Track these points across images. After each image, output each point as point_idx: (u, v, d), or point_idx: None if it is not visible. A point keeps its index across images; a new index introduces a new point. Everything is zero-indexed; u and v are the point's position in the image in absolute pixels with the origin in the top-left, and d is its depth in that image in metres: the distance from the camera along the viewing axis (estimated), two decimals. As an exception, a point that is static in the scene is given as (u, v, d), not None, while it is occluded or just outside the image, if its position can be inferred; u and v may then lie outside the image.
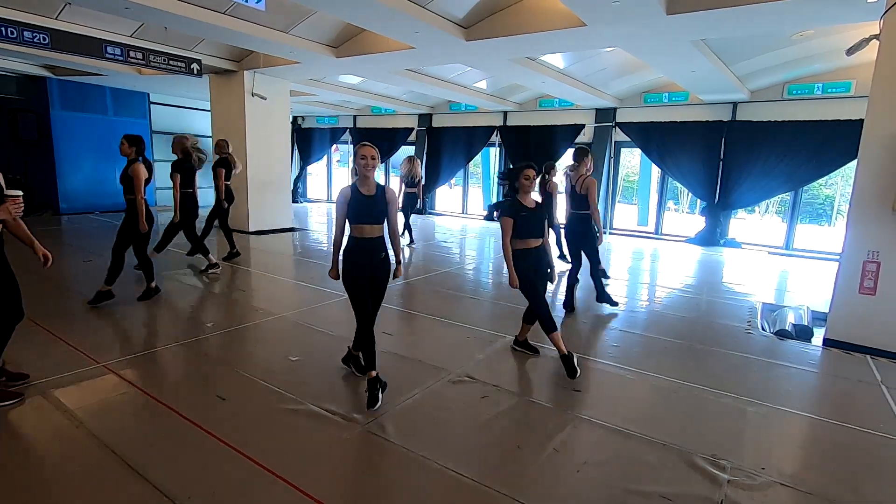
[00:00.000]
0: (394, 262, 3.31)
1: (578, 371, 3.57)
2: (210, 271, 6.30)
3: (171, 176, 5.83)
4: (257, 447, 2.58)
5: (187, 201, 5.96)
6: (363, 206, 3.06)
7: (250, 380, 3.37)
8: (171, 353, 3.84)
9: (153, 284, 5.20)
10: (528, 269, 3.67)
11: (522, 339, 4.14)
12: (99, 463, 2.42)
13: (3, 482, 2.26)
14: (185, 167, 5.89)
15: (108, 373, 3.40)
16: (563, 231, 5.85)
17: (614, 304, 5.47)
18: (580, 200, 5.19)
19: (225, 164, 6.75)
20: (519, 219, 3.61)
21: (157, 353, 3.82)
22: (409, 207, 9.10)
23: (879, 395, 3.58)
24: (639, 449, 2.74)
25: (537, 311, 3.72)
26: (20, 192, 3.02)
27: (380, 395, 3.06)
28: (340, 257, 3.15)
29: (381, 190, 3.16)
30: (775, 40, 7.11)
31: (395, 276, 3.30)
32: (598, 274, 5.44)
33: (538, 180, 5.94)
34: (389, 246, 3.27)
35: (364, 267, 3.13)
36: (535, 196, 3.81)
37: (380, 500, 2.26)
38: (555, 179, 6.92)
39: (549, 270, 3.91)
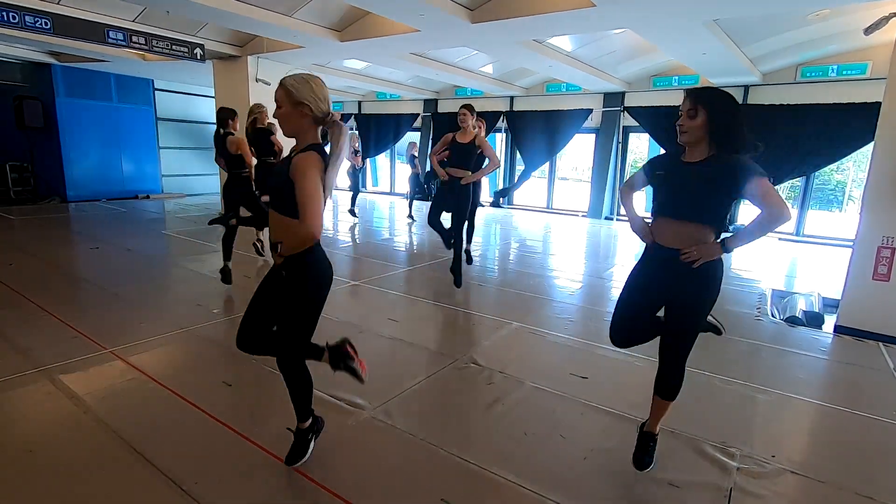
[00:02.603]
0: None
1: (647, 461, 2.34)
2: None
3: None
4: (263, 433, 2.58)
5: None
6: None
7: (256, 366, 3.37)
8: (177, 339, 3.85)
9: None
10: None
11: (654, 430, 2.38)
12: (106, 448, 2.43)
13: (10, 467, 2.28)
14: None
15: (116, 359, 3.41)
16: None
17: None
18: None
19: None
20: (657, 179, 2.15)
21: (164, 340, 3.83)
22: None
23: (892, 382, 3.53)
24: (647, 436, 2.71)
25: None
26: None
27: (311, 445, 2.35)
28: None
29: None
30: (790, 20, 6.92)
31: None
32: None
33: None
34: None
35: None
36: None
37: (385, 487, 2.26)
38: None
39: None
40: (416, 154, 11.47)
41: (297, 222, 1.91)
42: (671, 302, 2.20)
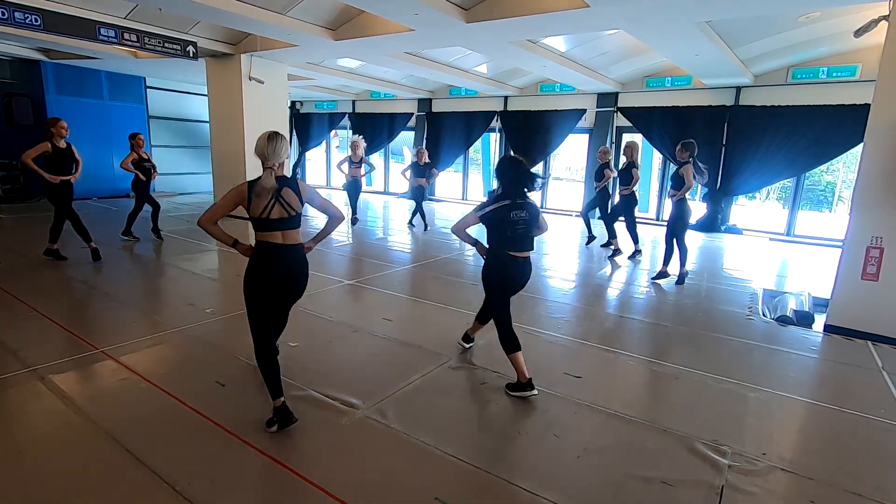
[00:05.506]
0: None
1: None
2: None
3: None
4: (257, 433, 2.57)
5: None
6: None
7: (249, 366, 3.35)
8: (170, 339, 3.82)
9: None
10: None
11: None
12: (98, 449, 2.41)
13: (0, 468, 2.25)
14: None
15: (107, 359, 3.39)
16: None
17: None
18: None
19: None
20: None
21: (156, 339, 3.80)
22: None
23: (880, 380, 3.58)
24: (639, 435, 2.73)
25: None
26: None
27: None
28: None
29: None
30: (781, 22, 6.99)
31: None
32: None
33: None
34: None
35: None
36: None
37: (380, 486, 2.26)
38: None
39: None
40: (429, 160, 9.67)
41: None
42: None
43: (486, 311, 3.56)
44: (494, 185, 3.33)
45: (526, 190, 3.14)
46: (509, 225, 3.07)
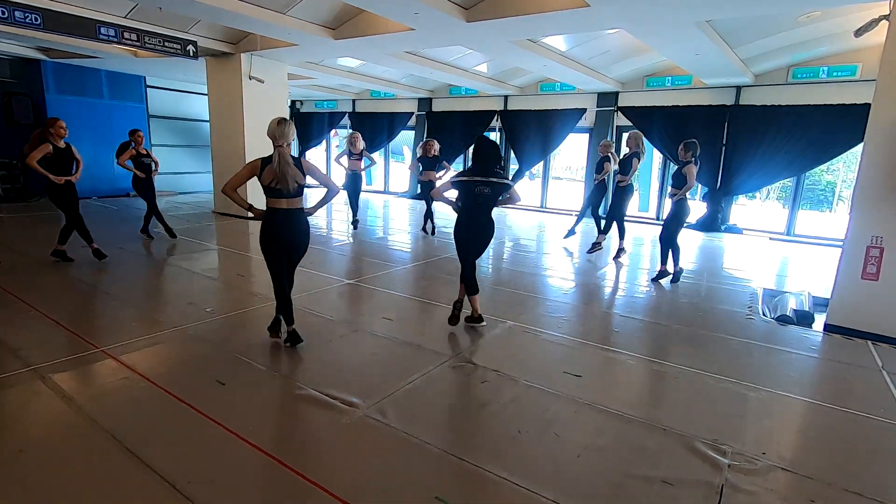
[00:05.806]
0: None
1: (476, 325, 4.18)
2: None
3: None
4: (257, 432, 2.57)
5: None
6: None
7: (250, 365, 3.36)
8: (170, 338, 3.82)
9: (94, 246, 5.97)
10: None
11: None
12: (98, 448, 2.41)
13: (1, 467, 2.26)
14: None
15: (108, 358, 3.39)
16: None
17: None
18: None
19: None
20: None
21: (157, 339, 3.80)
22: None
23: (880, 380, 3.58)
24: (639, 434, 2.74)
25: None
26: None
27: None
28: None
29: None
30: (781, 22, 6.98)
31: None
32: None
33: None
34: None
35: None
36: None
37: (379, 485, 2.26)
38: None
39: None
40: (437, 153, 8.81)
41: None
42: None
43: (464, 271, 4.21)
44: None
45: (494, 169, 3.81)
46: (472, 196, 3.84)
